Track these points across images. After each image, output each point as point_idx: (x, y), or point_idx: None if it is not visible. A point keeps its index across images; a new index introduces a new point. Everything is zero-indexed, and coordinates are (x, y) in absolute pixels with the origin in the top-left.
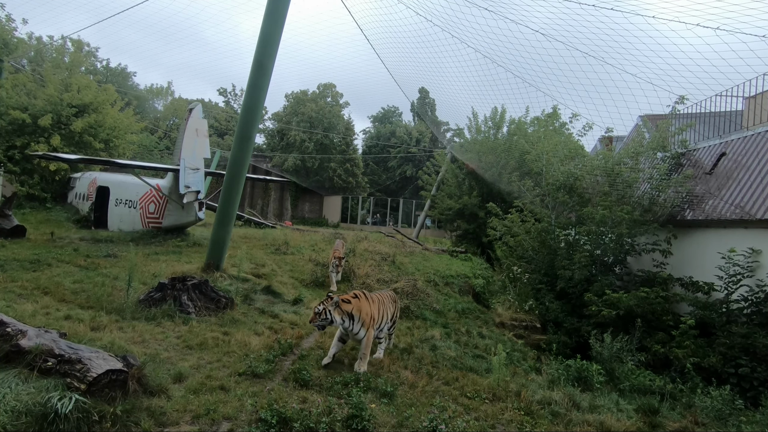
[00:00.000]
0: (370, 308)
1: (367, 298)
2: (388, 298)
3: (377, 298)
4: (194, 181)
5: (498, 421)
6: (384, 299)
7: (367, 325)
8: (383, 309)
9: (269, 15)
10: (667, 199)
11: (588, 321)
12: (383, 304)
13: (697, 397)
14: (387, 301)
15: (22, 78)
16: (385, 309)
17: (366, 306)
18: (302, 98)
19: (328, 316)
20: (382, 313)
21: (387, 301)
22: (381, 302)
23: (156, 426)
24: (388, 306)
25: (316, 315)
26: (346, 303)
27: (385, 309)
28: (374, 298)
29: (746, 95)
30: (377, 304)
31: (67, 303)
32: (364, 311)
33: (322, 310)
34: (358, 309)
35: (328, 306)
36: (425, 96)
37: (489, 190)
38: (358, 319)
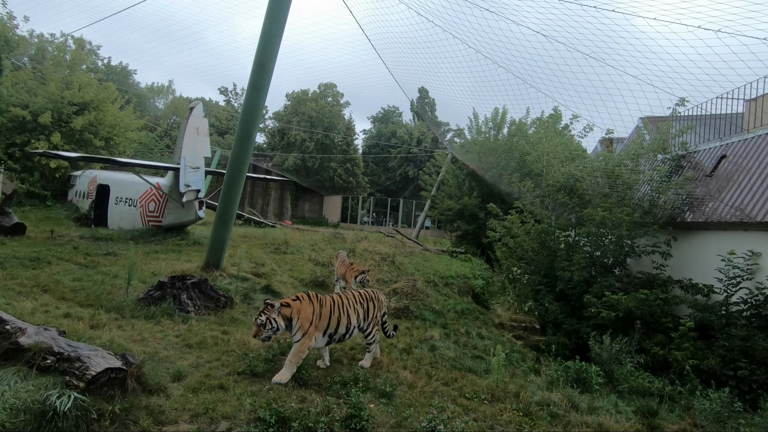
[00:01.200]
0: (313, 312)
1: (314, 301)
2: (360, 298)
3: (336, 300)
4: (194, 180)
5: (497, 421)
6: (350, 300)
7: (304, 330)
8: (346, 311)
9: (270, 15)
10: (667, 201)
11: (587, 322)
12: (346, 306)
13: (696, 399)
14: (355, 301)
15: (23, 76)
16: (350, 311)
17: (307, 310)
18: (303, 98)
19: (274, 325)
20: (341, 317)
21: (354, 302)
22: (340, 305)
23: (155, 424)
24: (355, 307)
25: (259, 327)
26: (285, 307)
27: (350, 311)
28: (328, 301)
29: (747, 98)
30: (335, 307)
31: (66, 301)
32: (303, 315)
33: (265, 320)
34: (297, 312)
35: (272, 314)
36: (425, 96)
37: (489, 190)
38: (295, 322)
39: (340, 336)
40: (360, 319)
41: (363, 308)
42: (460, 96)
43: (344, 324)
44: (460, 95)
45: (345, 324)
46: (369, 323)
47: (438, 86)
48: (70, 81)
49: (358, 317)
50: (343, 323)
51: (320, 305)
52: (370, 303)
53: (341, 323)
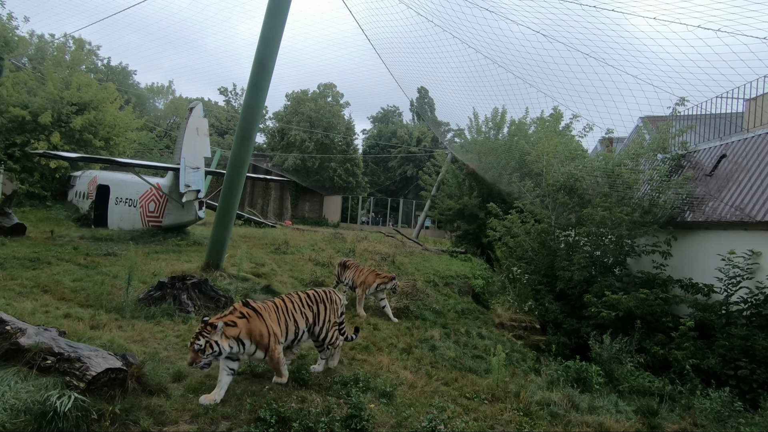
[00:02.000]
0: (264, 325)
1: (262, 312)
2: (309, 300)
3: (279, 304)
4: (194, 180)
5: (497, 421)
6: (297, 303)
7: (265, 345)
8: (292, 315)
9: (270, 15)
10: (667, 201)
11: (587, 322)
12: (291, 310)
13: (696, 398)
14: (302, 304)
15: (23, 76)
16: (296, 315)
17: (258, 326)
18: (303, 98)
19: (215, 349)
20: (287, 321)
21: (301, 305)
22: (285, 309)
23: (155, 425)
24: (303, 311)
25: (197, 353)
26: (231, 326)
27: (296, 315)
28: (271, 307)
29: (747, 97)
30: (281, 312)
31: (66, 301)
32: (256, 333)
33: (204, 344)
34: (247, 332)
35: (213, 337)
36: (424, 95)
37: (489, 190)
38: (250, 344)
39: (290, 342)
40: (309, 323)
41: (312, 311)
42: (459, 96)
43: (292, 329)
44: (460, 95)
45: (293, 329)
46: (321, 327)
47: (438, 86)
48: (69, 81)
49: (307, 321)
50: (291, 329)
51: (268, 314)
52: (321, 305)
53: (289, 330)
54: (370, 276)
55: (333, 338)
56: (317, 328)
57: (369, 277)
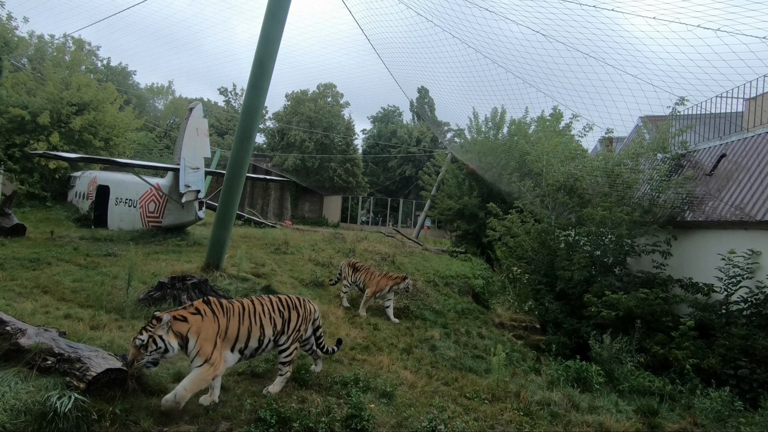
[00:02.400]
0: (218, 332)
1: (219, 315)
2: (281, 305)
3: (247, 305)
4: (194, 181)
5: (497, 421)
6: (266, 306)
7: (205, 355)
8: (259, 320)
9: (270, 15)
10: (667, 201)
11: (587, 322)
12: (260, 314)
13: (696, 398)
14: (272, 308)
15: (22, 76)
16: (263, 320)
17: (209, 328)
18: (302, 98)
19: (160, 345)
20: (252, 326)
21: (271, 309)
22: (252, 312)
23: (155, 425)
24: (272, 316)
25: (139, 349)
26: (180, 321)
27: (263, 320)
28: (237, 308)
29: (746, 97)
30: (246, 314)
31: (66, 302)
32: (204, 336)
33: (147, 339)
34: (195, 331)
35: (158, 331)
36: (424, 95)
37: (489, 190)
38: (193, 344)
39: (252, 351)
40: (276, 331)
41: (282, 318)
42: (459, 96)
43: (256, 336)
44: (460, 95)
45: (257, 336)
46: (288, 337)
47: (438, 86)
48: (69, 81)
49: (275, 328)
50: (255, 335)
51: (227, 318)
52: (292, 312)
53: (252, 335)
54: (383, 280)
55: (290, 356)
56: (284, 337)
57: (381, 282)
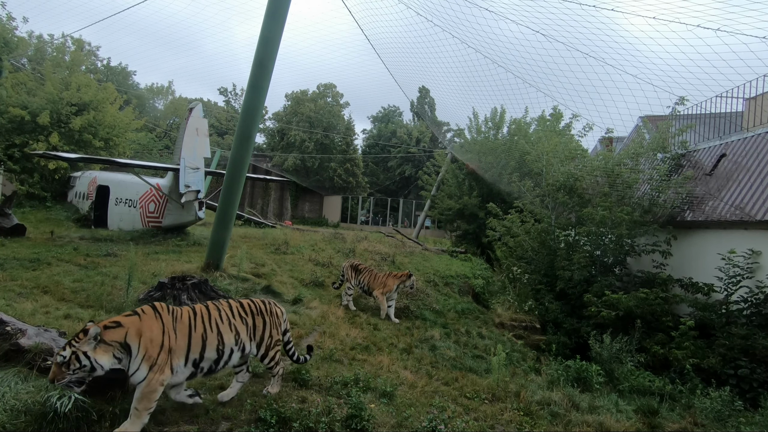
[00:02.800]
0: (163, 331)
1: (163, 314)
2: (242, 310)
3: (200, 311)
4: (194, 181)
5: (497, 421)
6: (225, 312)
7: (151, 359)
8: (215, 327)
9: (270, 15)
10: (667, 200)
11: (587, 322)
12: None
13: (696, 398)
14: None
15: (22, 76)
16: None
17: (152, 328)
18: (302, 98)
19: (85, 363)
20: (208, 334)
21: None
22: (207, 318)
23: (155, 426)
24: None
25: (60, 367)
26: (112, 329)
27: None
28: (186, 313)
29: (746, 96)
30: (198, 320)
31: (66, 302)
32: (147, 337)
33: (69, 356)
34: (135, 333)
35: (82, 347)
36: (425, 95)
37: (489, 190)
38: (136, 349)
39: (210, 363)
40: (242, 340)
41: (246, 324)
42: (459, 95)
43: (213, 345)
44: (460, 95)
45: (215, 345)
46: (261, 345)
47: (437, 86)
48: (69, 82)
49: (238, 337)
50: (212, 344)
51: (173, 319)
52: (258, 318)
53: (208, 344)
54: (389, 280)
55: (274, 360)
56: (253, 345)
57: (388, 282)
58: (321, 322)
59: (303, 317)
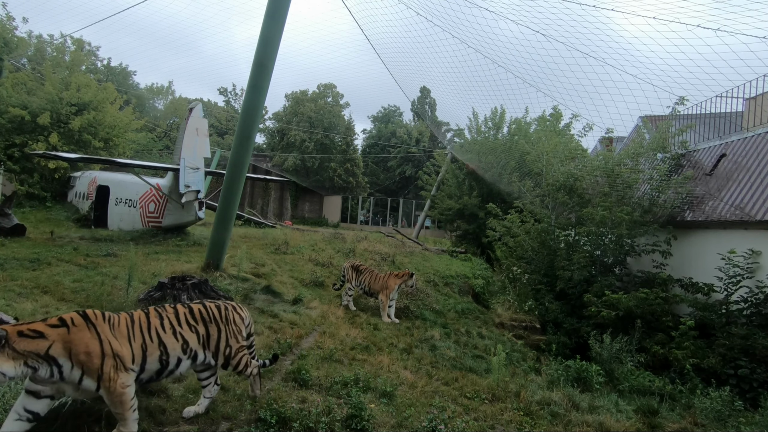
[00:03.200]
0: (96, 340)
1: (97, 321)
2: (192, 317)
3: (139, 318)
4: (194, 181)
5: (497, 421)
6: (170, 319)
7: (96, 369)
8: (156, 336)
9: (270, 15)
10: (667, 200)
11: (587, 322)
12: (157, 328)
13: (696, 398)
14: (177, 320)
15: (22, 77)
16: (164, 336)
17: (82, 338)
18: (302, 98)
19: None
20: (147, 343)
21: (177, 321)
22: (146, 326)
23: (155, 425)
24: (178, 330)
25: None
26: (30, 339)
27: (164, 336)
28: (124, 320)
29: (746, 96)
30: (137, 328)
31: (66, 302)
32: (78, 348)
33: None
34: (62, 346)
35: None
36: (426, 96)
37: (489, 190)
38: (69, 365)
39: (152, 374)
40: (193, 348)
41: (197, 332)
42: (459, 95)
43: (155, 356)
44: (460, 95)
45: (156, 356)
46: (218, 354)
47: (437, 86)
48: (68, 82)
49: (186, 345)
50: (153, 354)
51: (110, 326)
52: (211, 326)
53: (149, 354)
54: (391, 280)
55: (243, 364)
56: (208, 354)
57: (390, 282)
58: (321, 322)
59: (303, 317)
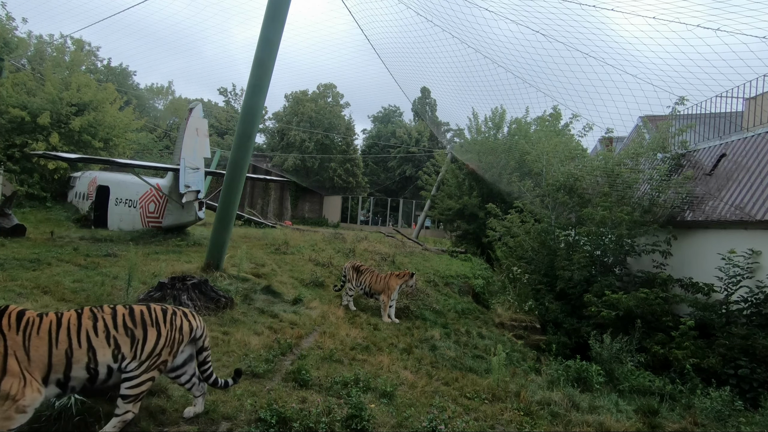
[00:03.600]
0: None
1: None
2: (125, 320)
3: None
4: (194, 181)
5: (497, 421)
6: (100, 322)
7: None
8: (86, 340)
9: (270, 16)
10: (667, 200)
11: (587, 321)
12: (88, 331)
13: (696, 398)
14: (105, 324)
15: (22, 77)
16: (94, 341)
17: None
18: (302, 98)
19: None
20: (72, 350)
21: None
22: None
23: (155, 425)
24: (111, 334)
25: None
26: None
27: (94, 341)
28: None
29: (746, 96)
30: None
31: (66, 302)
32: None
33: None
34: None
35: None
36: (426, 96)
37: (489, 190)
38: None
39: (80, 383)
40: (122, 356)
41: (131, 338)
42: (459, 95)
43: (82, 363)
44: (460, 95)
45: (83, 363)
46: (140, 363)
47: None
48: (68, 82)
49: (117, 352)
50: (80, 361)
51: (25, 336)
52: (150, 330)
53: (75, 361)
54: (392, 280)
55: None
56: (133, 363)
57: (392, 282)
58: (321, 322)
59: (303, 317)
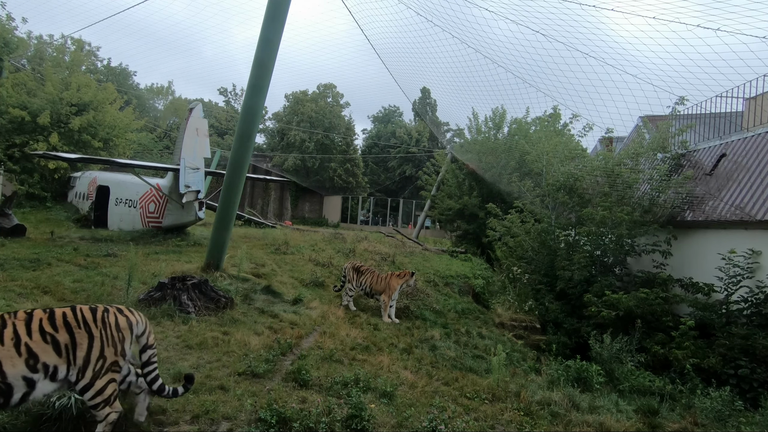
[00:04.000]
0: None
1: None
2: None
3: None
4: (194, 181)
5: (497, 421)
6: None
7: None
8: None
9: (270, 15)
10: (667, 200)
11: (588, 322)
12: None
13: (696, 398)
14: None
15: (22, 77)
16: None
17: None
18: (302, 98)
19: None
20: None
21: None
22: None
23: (155, 425)
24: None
25: None
26: None
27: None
28: None
29: (746, 96)
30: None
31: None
32: None
33: None
34: None
35: None
36: (426, 96)
37: (489, 190)
38: None
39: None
40: (51, 364)
41: (56, 343)
42: (459, 96)
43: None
44: (460, 95)
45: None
46: (87, 368)
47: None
48: (68, 82)
49: (36, 362)
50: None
51: None
52: (79, 333)
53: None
54: (393, 280)
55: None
56: (73, 369)
57: (392, 282)
58: (321, 322)
59: (303, 317)
